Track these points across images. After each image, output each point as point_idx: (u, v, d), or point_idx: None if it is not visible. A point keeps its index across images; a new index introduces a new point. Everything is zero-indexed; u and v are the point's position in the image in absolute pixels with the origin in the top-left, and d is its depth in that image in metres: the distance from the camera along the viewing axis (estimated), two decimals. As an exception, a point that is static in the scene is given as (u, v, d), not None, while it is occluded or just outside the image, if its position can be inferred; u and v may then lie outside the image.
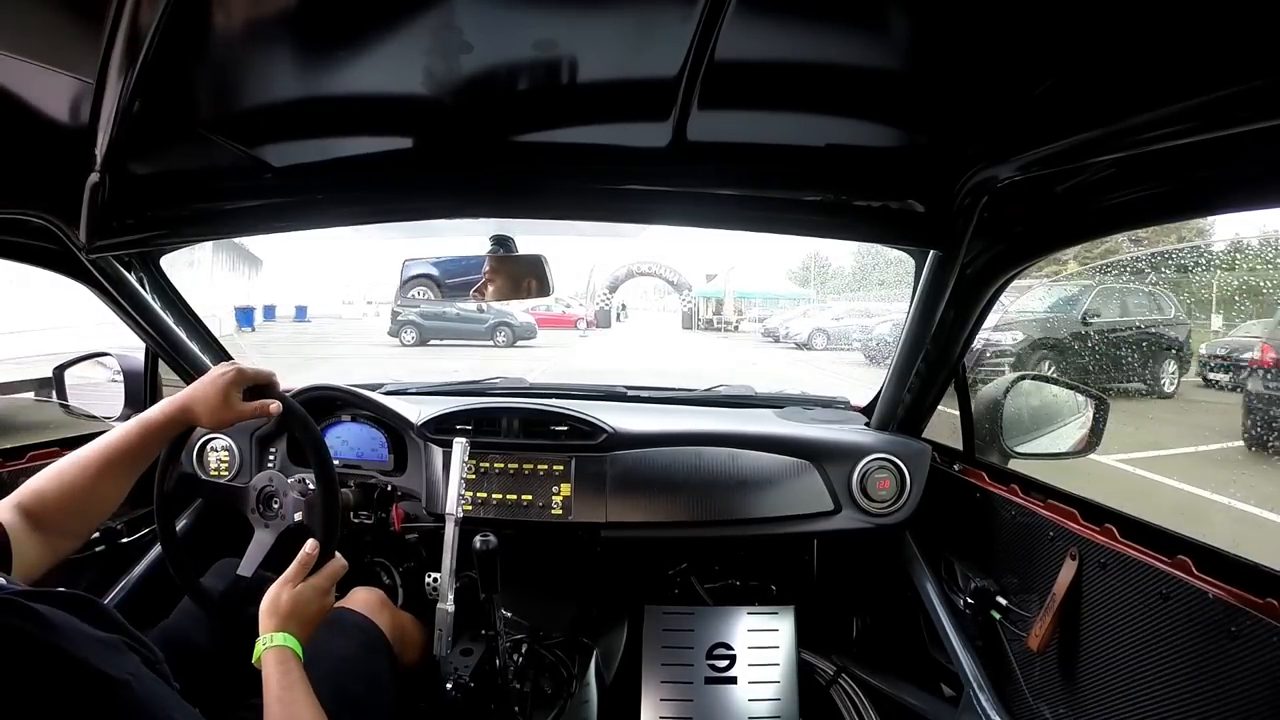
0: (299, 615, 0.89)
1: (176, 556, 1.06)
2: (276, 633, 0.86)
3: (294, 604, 0.89)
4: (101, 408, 1.47)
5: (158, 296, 1.36)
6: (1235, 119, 0.59)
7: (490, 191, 1.01)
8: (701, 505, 1.37)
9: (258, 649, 0.84)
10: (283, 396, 1.06)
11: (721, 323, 22.97)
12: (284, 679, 0.81)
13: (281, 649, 0.84)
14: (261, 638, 0.85)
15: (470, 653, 1.27)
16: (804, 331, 15.01)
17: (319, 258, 25.00)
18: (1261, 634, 0.69)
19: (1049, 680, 1.02)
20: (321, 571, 0.94)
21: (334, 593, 0.97)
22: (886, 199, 1.00)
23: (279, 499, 1.15)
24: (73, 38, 0.66)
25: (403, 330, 13.55)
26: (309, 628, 0.91)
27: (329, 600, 0.96)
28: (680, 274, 24.30)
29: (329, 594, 0.96)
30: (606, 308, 22.96)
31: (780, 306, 22.50)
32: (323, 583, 0.94)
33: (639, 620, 1.52)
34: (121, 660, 0.53)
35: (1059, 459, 1.36)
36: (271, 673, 0.82)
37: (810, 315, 16.79)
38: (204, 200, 1.04)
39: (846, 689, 1.49)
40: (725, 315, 22.94)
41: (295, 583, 0.91)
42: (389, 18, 0.67)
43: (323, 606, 0.94)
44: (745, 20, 0.65)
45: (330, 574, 0.95)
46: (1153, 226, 1.50)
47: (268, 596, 0.90)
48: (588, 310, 21.17)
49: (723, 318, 23.04)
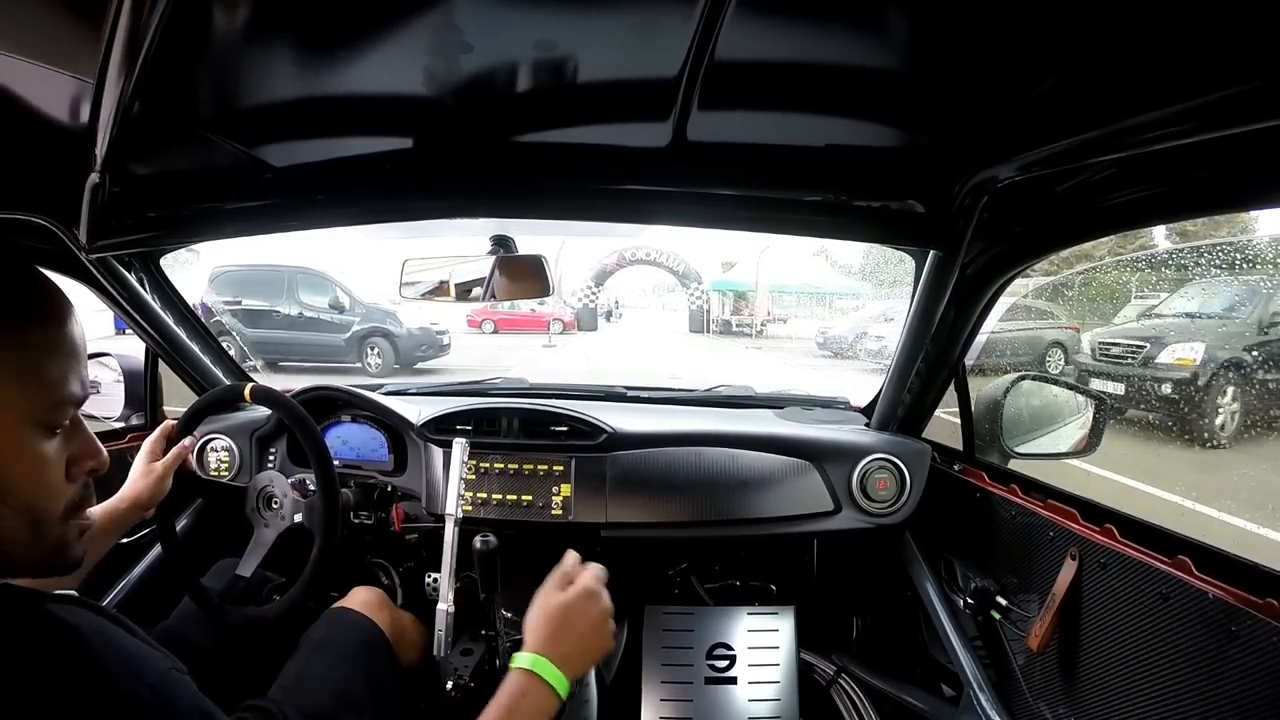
0: (575, 633, 0.74)
1: (176, 557, 1.06)
2: (534, 653, 0.72)
3: (569, 615, 0.75)
4: (102, 408, 1.47)
5: (158, 296, 1.36)
6: (1235, 119, 0.59)
7: (490, 191, 1.01)
8: (701, 505, 1.37)
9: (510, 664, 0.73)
10: (283, 397, 1.07)
11: (744, 325, 18.14)
12: (508, 706, 0.69)
13: (530, 675, 0.70)
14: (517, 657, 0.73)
15: (470, 653, 1.27)
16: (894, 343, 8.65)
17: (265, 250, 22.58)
18: (1261, 634, 0.69)
19: (1049, 680, 1.02)
20: (592, 574, 0.78)
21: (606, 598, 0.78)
22: (886, 199, 1.00)
23: (279, 499, 1.15)
24: (73, 38, 0.65)
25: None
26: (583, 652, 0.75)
27: (607, 608, 0.77)
28: (687, 262, 18.83)
29: (604, 604, 0.77)
30: (591, 305, 18.61)
31: (825, 304, 18.57)
32: (598, 587, 0.78)
33: (639, 620, 1.52)
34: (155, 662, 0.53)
35: (1059, 459, 1.36)
36: (502, 697, 0.69)
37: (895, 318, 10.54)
38: (204, 200, 1.04)
39: (846, 689, 1.49)
40: (755, 314, 18.05)
41: (563, 587, 0.77)
42: (389, 18, 0.67)
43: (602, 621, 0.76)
44: (745, 20, 0.65)
45: (600, 577, 0.79)
46: (1152, 226, 1.50)
47: (538, 607, 0.77)
48: (564, 310, 17.16)
49: (748, 318, 18.25)
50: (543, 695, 0.70)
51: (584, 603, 0.76)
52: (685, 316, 19.45)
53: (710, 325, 18.85)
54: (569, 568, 0.81)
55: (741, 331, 18.02)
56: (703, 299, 19.07)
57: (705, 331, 18.39)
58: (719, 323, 18.84)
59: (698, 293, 19.07)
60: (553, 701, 0.70)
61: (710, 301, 19.23)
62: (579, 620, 0.75)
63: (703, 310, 18.96)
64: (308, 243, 14.54)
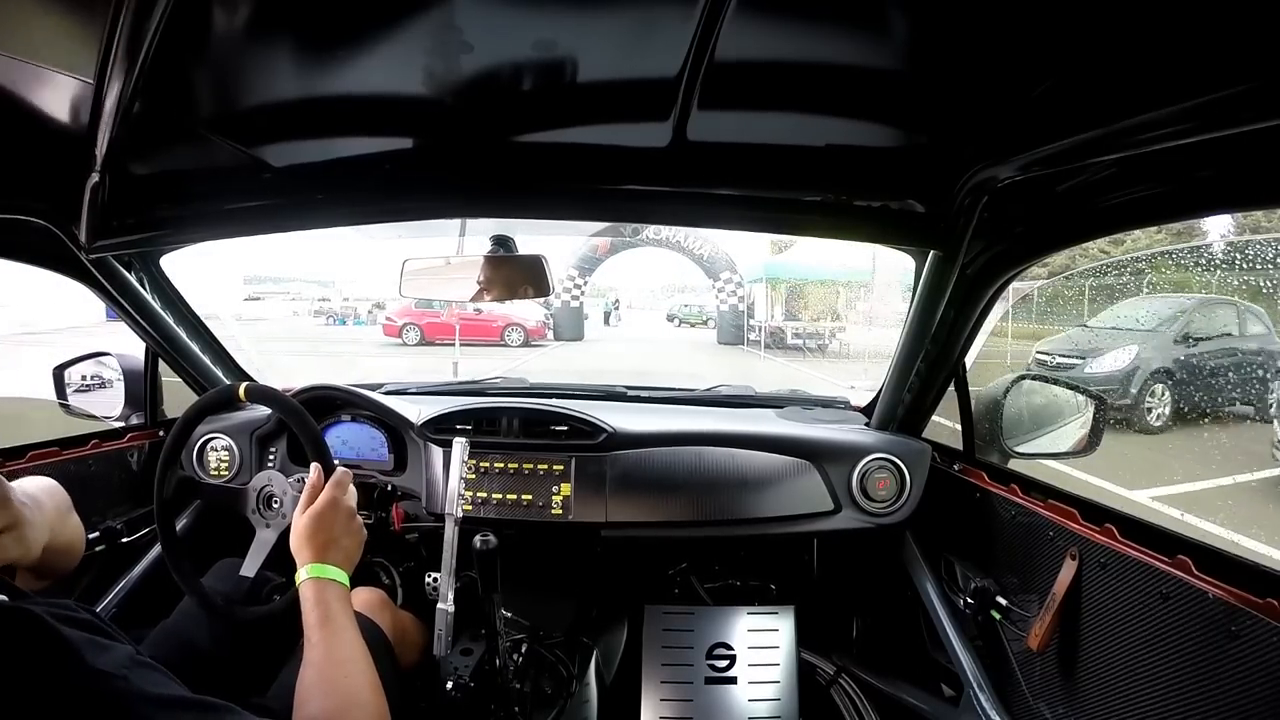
0: (326, 537, 0.84)
1: (176, 557, 1.06)
2: (306, 565, 0.81)
3: (313, 525, 0.85)
4: (102, 408, 1.47)
5: (158, 296, 1.36)
6: (1235, 119, 0.59)
7: (490, 191, 1.01)
8: (701, 505, 1.37)
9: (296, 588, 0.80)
10: (278, 393, 1.07)
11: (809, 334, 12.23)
12: (318, 609, 0.77)
13: (314, 581, 0.80)
14: (297, 577, 0.81)
15: (470, 653, 1.27)
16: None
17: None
18: (1261, 634, 0.69)
19: (1049, 680, 1.02)
20: (329, 484, 0.90)
21: (351, 503, 0.91)
22: (886, 199, 1.00)
23: (279, 499, 1.15)
24: (73, 38, 0.66)
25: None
26: (341, 547, 0.85)
27: (345, 509, 0.89)
28: (714, 244, 12.92)
29: (344, 504, 0.90)
30: (575, 303, 13.65)
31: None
32: (331, 493, 0.89)
33: (639, 620, 1.52)
34: (111, 656, 0.53)
35: (1059, 459, 1.36)
36: (307, 609, 0.77)
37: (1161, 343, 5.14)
38: (204, 200, 1.04)
39: (846, 689, 1.49)
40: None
41: (309, 502, 0.88)
42: (389, 18, 0.67)
43: (345, 517, 0.88)
44: (745, 20, 0.65)
45: (336, 483, 0.90)
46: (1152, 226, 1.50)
47: (291, 534, 0.86)
48: (532, 311, 12.51)
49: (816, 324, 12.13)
50: (337, 589, 0.81)
51: (331, 512, 0.87)
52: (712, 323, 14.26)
53: (749, 336, 12.91)
54: (313, 483, 0.91)
55: (805, 347, 12.17)
56: (738, 296, 13.36)
57: (740, 343, 12.95)
58: (769, 331, 12.60)
59: (730, 287, 13.34)
60: (345, 589, 0.82)
61: (755, 299, 13.31)
62: (332, 526, 0.86)
63: (738, 311, 13.33)
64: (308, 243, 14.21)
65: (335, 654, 0.74)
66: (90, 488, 1.32)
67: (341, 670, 0.73)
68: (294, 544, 0.86)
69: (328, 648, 0.75)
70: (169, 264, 1.37)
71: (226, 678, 0.94)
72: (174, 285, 1.40)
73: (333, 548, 0.85)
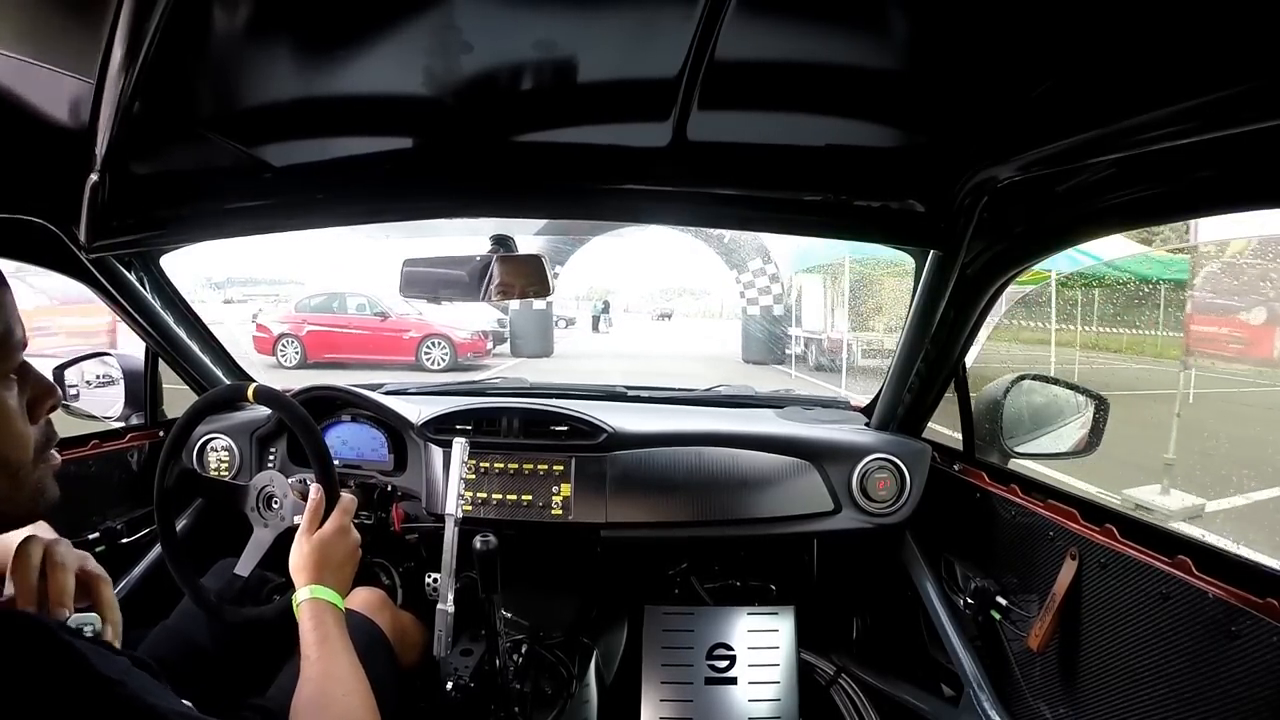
0: (327, 563, 0.88)
1: (176, 556, 1.05)
2: (306, 586, 0.85)
3: (318, 553, 0.88)
4: (102, 408, 1.47)
5: (158, 296, 1.36)
6: (1235, 119, 0.59)
7: (490, 191, 1.01)
8: (701, 505, 1.37)
9: (295, 609, 0.83)
10: (286, 398, 1.07)
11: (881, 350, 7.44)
12: (317, 631, 0.80)
13: (313, 602, 0.83)
14: (296, 596, 0.85)
15: (470, 653, 1.27)
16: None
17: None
18: (1261, 634, 0.69)
19: (1049, 680, 1.02)
20: (334, 512, 0.94)
21: (354, 530, 0.96)
22: (886, 199, 1.00)
23: (279, 499, 1.15)
24: (73, 38, 0.66)
25: None
26: (342, 573, 0.90)
27: (352, 539, 0.94)
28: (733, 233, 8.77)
29: (349, 532, 0.94)
30: (542, 306, 9.77)
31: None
32: (339, 521, 0.93)
33: (639, 620, 1.52)
34: (112, 661, 0.53)
35: (1059, 459, 1.36)
36: (306, 629, 0.81)
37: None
38: (204, 200, 1.04)
39: (846, 689, 1.49)
40: None
41: (311, 532, 0.91)
42: (389, 17, 0.67)
43: (349, 546, 0.93)
44: (745, 20, 0.65)
45: (344, 510, 0.94)
46: (1152, 226, 1.50)
47: (291, 556, 0.90)
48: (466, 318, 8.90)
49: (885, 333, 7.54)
50: (334, 612, 0.85)
51: (337, 539, 0.92)
52: (735, 334, 10.58)
53: (793, 353, 9.20)
54: (315, 504, 0.93)
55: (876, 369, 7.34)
56: (773, 294, 9.74)
57: (781, 362, 9.33)
58: (826, 349, 8.59)
59: (763, 282, 9.71)
60: (339, 612, 0.86)
61: (802, 295, 9.43)
62: (335, 552, 0.91)
63: (772, 316, 9.74)
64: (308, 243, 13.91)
65: (333, 672, 0.78)
66: (90, 488, 1.32)
67: (342, 688, 0.76)
68: (295, 564, 0.89)
69: (325, 666, 0.77)
70: (169, 264, 1.37)
71: (226, 677, 0.94)
72: (174, 285, 1.40)
73: (333, 572, 0.89)
